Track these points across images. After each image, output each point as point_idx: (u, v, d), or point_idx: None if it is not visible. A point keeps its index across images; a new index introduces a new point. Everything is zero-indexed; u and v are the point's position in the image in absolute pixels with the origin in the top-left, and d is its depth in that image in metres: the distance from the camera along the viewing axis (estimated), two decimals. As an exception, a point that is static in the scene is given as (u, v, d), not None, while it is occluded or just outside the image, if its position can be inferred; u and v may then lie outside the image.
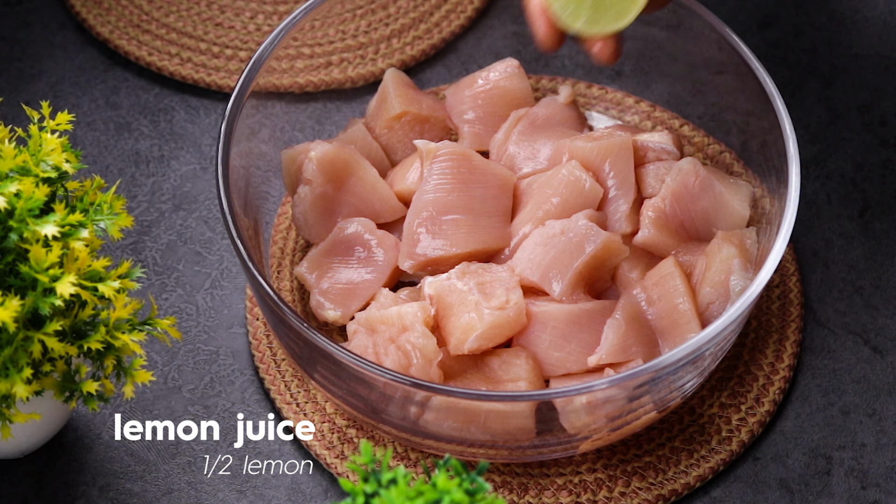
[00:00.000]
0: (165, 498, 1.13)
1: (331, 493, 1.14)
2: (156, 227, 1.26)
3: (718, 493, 1.14)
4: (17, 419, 1.00)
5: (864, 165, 1.29)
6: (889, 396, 1.18)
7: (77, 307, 1.01)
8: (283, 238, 1.24)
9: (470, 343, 1.11)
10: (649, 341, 1.13)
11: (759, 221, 1.18)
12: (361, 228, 1.19)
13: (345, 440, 1.15)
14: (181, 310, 1.21)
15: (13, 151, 1.02)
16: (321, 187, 1.19)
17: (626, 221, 1.18)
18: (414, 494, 0.90)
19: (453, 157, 1.18)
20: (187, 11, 1.37)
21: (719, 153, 1.27)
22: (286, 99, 1.27)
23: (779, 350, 1.19)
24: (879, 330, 1.21)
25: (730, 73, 1.18)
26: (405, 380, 1.04)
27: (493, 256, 1.18)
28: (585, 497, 1.13)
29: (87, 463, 1.14)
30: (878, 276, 1.23)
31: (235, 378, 1.18)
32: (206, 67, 1.34)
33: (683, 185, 1.17)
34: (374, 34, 1.35)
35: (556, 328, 1.13)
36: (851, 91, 1.33)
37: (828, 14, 1.38)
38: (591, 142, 1.20)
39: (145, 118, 1.32)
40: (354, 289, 1.17)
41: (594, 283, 1.16)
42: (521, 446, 1.10)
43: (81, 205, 1.03)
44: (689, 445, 1.15)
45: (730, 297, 1.13)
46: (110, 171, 1.29)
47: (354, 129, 1.24)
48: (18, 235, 0.98)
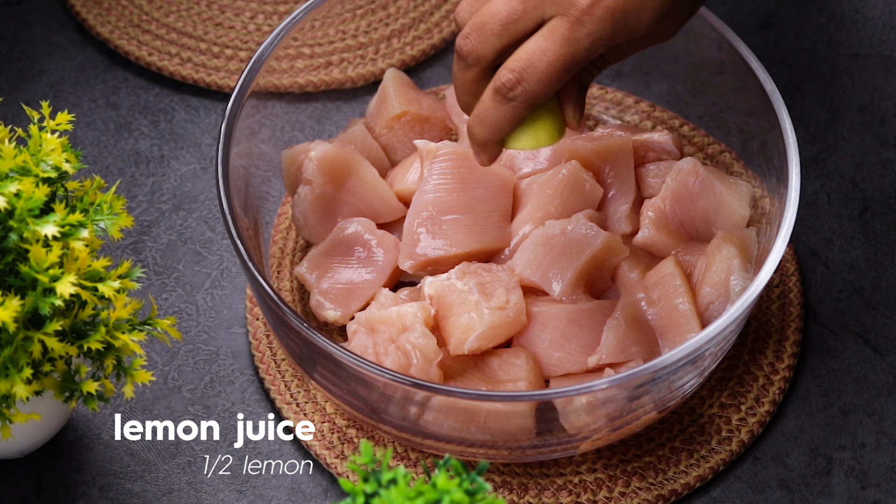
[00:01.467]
0: (165, 498, 1.13)
1: (331, 493, 1.14)
2: (156, 227, 1.26)
3: (718, 493, 1.14)
4: (17, 419, 1.00)
5: (864, 165, 1.29)
6: (889, 396, 1.18)
7: (77, 307, 1.01)
8: (283, 238, 1.24)
9: (470, 343, 1.11)
10: (649, 341, 1.13)
11: (759, 221, 1.18)
12: (361, 228, 1.19)
13: (345, 440, 1.15)
14: (181, 310, 1.21)
15: (13, 151, 1.02)
16: (321, 187, 1.19)
17: (626, 221, 1.18)
18: (414, 494, 0.90)
19: (453, 157, 1.18)
20: (187, 11, 1.37)
21: (719, 153, 1.27)
22: (286, 99, 1.27)
23: (779, 350, 1.19)
24: (879, 330, 1.21)
25: (730, 73, 1.18)
26: (405, 380, 1.04)
27: (493, 256, 1.18)
28: (585, 497, 1.13)
29: (87, 463, 1.14)
30: (878, 276, 1.23)
31: (235, 378, 1.18)
32: (206, 67, 1.34)
33: (683, 185, 1.17)
34: (374, 34, 1.35)
35: (556, 328, 1.13)
36: (851, 91, 1.33)
37: (828, 14, 1.38)
38: (591, 142, 1.20)
39: (145, 118, 1.32)
40: (354, 289, 1.17)
41: (594, 283, 1.16)
42: (521, 446, 1.10)
43: (81, 205, 1.03)
44: (689, 445, 1.15)
45: (730, 297, 1.13)
46: (110, 171, 1.29)
47: (354, 129, 1.24)
48: (18, 235, 0.98)
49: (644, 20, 0.99)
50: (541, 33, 0.99)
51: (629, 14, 0.98)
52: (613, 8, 0.98)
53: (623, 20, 0.98)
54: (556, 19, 0.99)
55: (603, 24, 0.98)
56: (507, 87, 1.00)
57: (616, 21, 0.98)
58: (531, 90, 1.00)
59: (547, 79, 0.99)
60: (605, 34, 0.98)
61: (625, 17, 0.98)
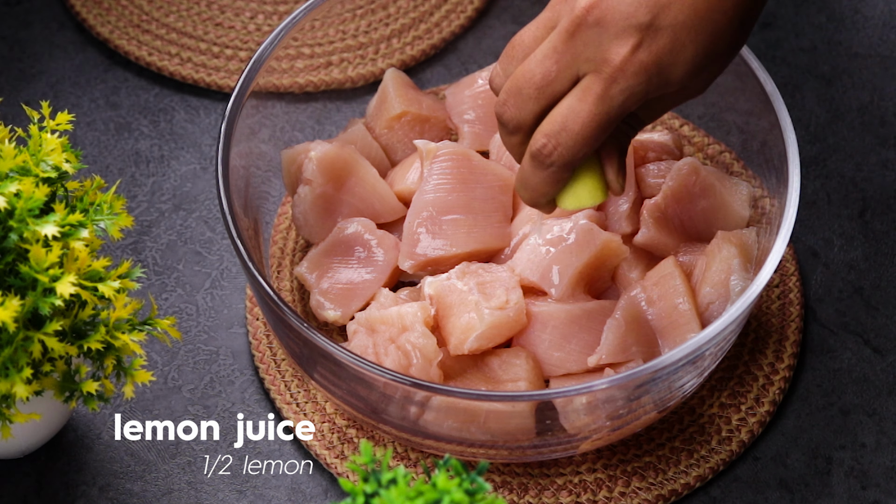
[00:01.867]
0: (165, 498, 1.13)
1: (331, 493, 1.14)
2: (156, 227, 1.26)
3: (718, 493, 1.14)
4: (17, 419, 1.00)
5: (864, 165, 1.29)
6: (889, 396, 1.18)
7: (77, 307, 1.01)
8: (283, 238, 1.24)
9: (470, 343, 1.11)
10: (649, 341, 1.13)
11: (759, 221, 1.18)
12: (361, 228, 1.19)
13: (345, 440, 1.15)
14: (181, 310, 1.21)
15: (13, 151, 1.02)
16: (321, 187, 1.19)
17: (626, 221, 1.18)
18: (414, 494, 0.90)
19: (453, 157, 1.18)
20: (187, 11, 1.37)
21: (719, 153, 1.27)
22: (286, 99, 1.27)
23: (779, 350, 1.19)
24: (879, 330, 1.21)
25: (730, 73, 1.18)
26: (405, 380, 1.04)
27: (493, 256, 1.18)
28: (585, 497, 1.13)
29: (87, 463, 1.14)
30: (878, 276, 1.23)
31: (235, 378, 1.18)
32: (206, 67, 1.34)
33: (683, 185, 1.17)
34: (374, 34, 1.35)
35: (556, 328, 1.13)
36: (851, 91, 1.33)
37: (828, 14, 1.38)
38: (591, 142, 1.20)
39: (145, 118, 1.32)
40: (354, 289, 1.17)
41: (594, 283, 1.16)
42: (521, 446, 1.10)
43: (81, 205, 1.03)
44: (689, 445, 1.15)
45: (730, 297, 1.13)
46: (110, 171, 1.29)
47: (354, 129, 1.24)
48: (18, 235, 0.98)
49: (677, 74, 0.98)
50: (574, 93, 0.98)
51: (662, 68, 0.97)
52: (647, 63, 0.97)
53: (657, 75, 0.97)
54: (589, 77, 0.98)
55: (637, 80, 0.97)
56: (544, 153, 1.00)
57: (650, 76, 0.97)
58: (566, 154, 0.99)
59: (583, 140, 0.99)
60: (639, 90, 0.98)
61: (658, 71, 0.97)
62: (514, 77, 1.00)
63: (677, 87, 0.99)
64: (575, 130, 0.98)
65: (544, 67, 0.99)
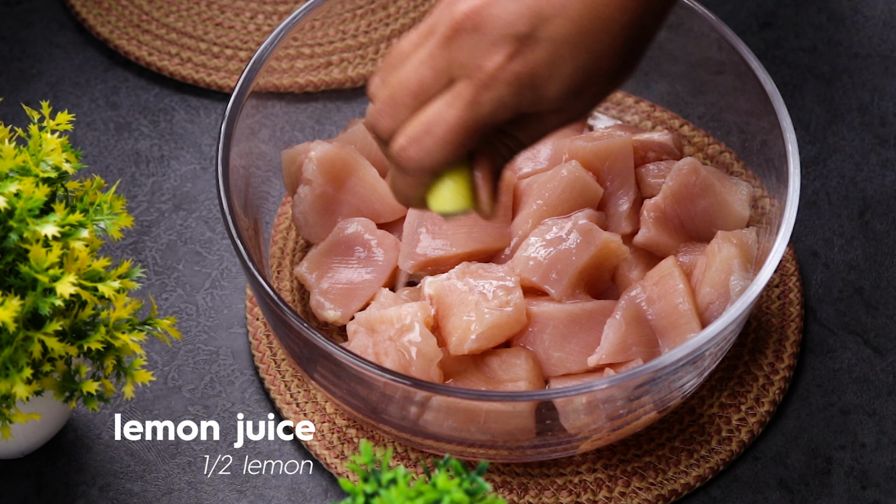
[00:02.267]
0: (165, 498, 1.13)
1: (331, 493, 1.14)
2: (156, 227, 1.26)
3: (718, 493, 1.14)
4: (17, 419, 1.00)
5: (864, 165, 1.29)
6: (889, 396, 1.18)
7: (77, 307, 1.01)
8: (283, 238, 1.24)
9: (470, 343, 1.11)
10: (649, 341, 1.13)
11: (759, 221, 1.18)
12: (361, 228, 1.19)
13: (345, 440, 1.15)
14: (181, 310, 1.21)
15: (13, 151, 1.02)
16: (321, 187, 1.19)
17: (626, 221, 1.18)
18: (414, 494, 0.90)
19: (453, 157, 1.17)
20: (187, 11, 1.37)
21: (719, 153, 1.27)
22: (286, 99, 1.27)
23: (779, 350, 1.19)
24: (879, 330, 1.21)
25: (730, 73, 1.18)
26: (405, 380, 1.04)
27: (493, 256, 1.18)
28: (585, 497, 1.13)
29: (87, 463, 1.14)
30: (878, 276, 1.23)
31: (235, 378, 1.18)
32: (206, 67, 1.34)
33: (683, 185, 1.17)
34: (374, 34, 1.35)
35: (556, 328, 1.13)
36: (851, 91, 1.33)
37: (828, 14, 1.38)
38: (591, 142, 1.20)
39: (145, 118, 1.32)
40: (354, 289, 1.17)
41: (594, 283, 1.16)
42: (521, 446, 1.10)
43: (81, 205, 1.03)
44: (689, 445, 1.15)
45: (730, 297, 1.13)
46: (110, 171, 1.29)
47: (354, 129, 1.24)
48: (18, 235, 0.98)
49: (553, 90, 0.94)
50: (443, 98, 0.95)
51: (537, 82, 0.93)
52: (521, 74, 0.93)
53: (530, 87, 0.93)
54: (460, 83, 0.94)
55: (508, 90, 0.93)
56: (403, 157, 0.96)
57: (522, 88, 0.93)
58: (427, 158, 0.96)
59: (444, 145, 0.95)
60: (510, 101, 0.94)
61: (532, 83, 0.93)
62: (390, 85, 0.97)
63: (554, 104, 0.95)
64: (438, 135, 0.95)
65: (419, 74, 0.95)
